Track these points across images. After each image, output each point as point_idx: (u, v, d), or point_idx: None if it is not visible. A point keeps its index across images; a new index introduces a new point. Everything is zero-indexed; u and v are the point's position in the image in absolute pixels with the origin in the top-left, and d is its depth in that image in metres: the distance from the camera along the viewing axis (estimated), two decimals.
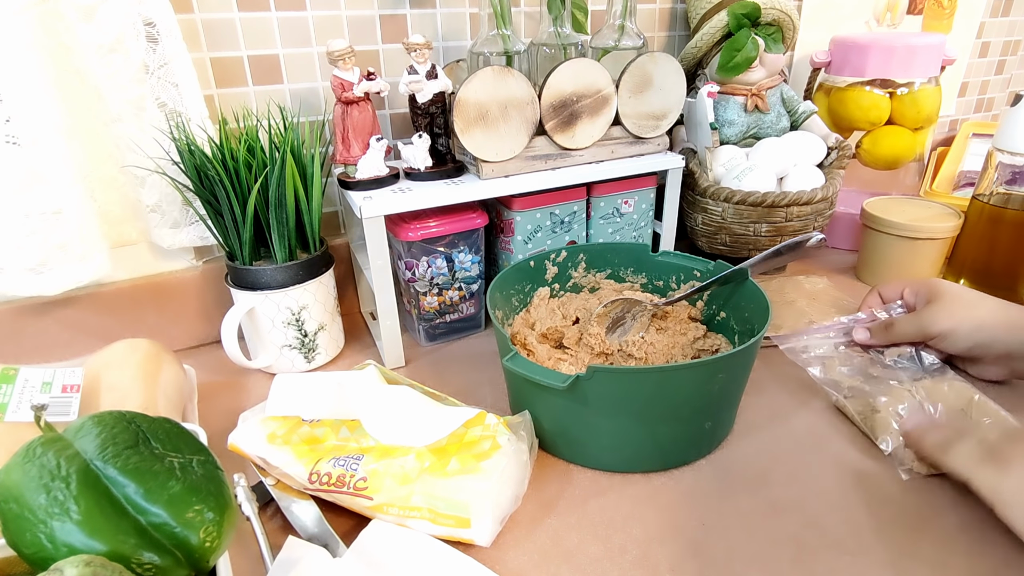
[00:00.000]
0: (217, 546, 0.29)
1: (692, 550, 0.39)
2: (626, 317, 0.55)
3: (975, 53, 1.08)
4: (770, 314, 0.46)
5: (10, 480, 0.27)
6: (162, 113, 0.55)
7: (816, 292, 0.67)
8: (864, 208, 0.73)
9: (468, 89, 0.53)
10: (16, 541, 0.27)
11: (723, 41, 0.70)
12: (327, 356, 0.61)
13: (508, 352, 0.44)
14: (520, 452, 0.42)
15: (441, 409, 0.45)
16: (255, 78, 0.60)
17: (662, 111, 0.63)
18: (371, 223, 0.53)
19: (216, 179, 0.52)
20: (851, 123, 0.80)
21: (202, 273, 0.63)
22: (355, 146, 0.57)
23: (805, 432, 0.49)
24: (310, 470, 0.41)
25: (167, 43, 0.53)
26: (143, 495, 0.27)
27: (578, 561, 0.39)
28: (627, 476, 0.45)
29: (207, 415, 0.52)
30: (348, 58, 0.54)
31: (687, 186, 0.70)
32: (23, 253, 0.52)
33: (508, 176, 0.58)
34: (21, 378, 0.41)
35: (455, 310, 0.63)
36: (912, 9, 0.95)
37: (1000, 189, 0.64)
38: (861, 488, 0.43)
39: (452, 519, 0.38)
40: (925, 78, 0.77)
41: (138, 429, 0.30)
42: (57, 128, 0.50)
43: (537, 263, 0.58)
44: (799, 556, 0.38)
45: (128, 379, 0.46)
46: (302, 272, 0.56)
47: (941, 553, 0.38)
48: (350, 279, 0.70)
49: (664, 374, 0.42)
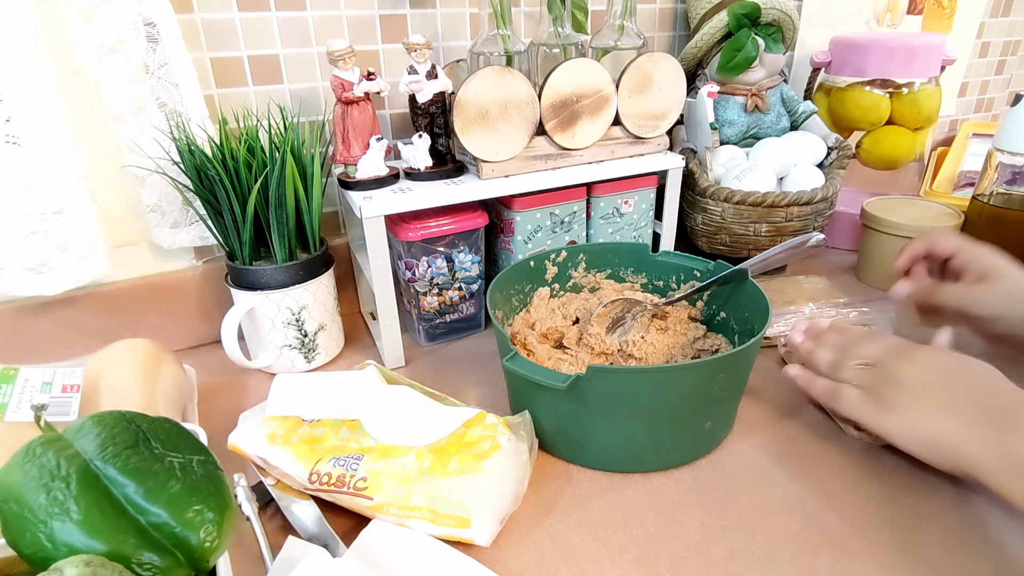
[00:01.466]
0: (217, 546, 0.29)
1: (692, 550, 0.39)
2: (626, 317, 0.55)
3: (975, 53, 1.08)
4: (770, 314, 0.46)
5: (10, 480, 0.27)
6: (162, 113, 0.55)
7: (817, 292, 0.67)
8: (864, 208, 0.73)
9: (468, 89, 0.53)
10: (16, 541, 0.27)
11: (723, 41, 0.70)
12: (327, 356, 0.61)
13: (508, 352, 0.44)
14: (520, 452, 0.42)
15: (441, 409, 0.45)
16: (255, 78, 0.60)
17: (662, 111, 0.63)
18: (371, 223, 0.53)
19: (216, 179, 0.52)
20: (851, 123, 0.80)
21: (202, 273, 0.63)
22: (355, 146, 0.57)
23: (805, 432, 0.49)
24: (310, 470, 0.41)
25: (167, 43, 0.53)
26: (143, 495, 0.27)
27: (578, 561, 0.39)
28: (627, 476, 0.45)
29: (207, 415, 0.52)
30: (348, 58, 0.54)
31: (687, 186, 0.70)
32: (23, 253, 0.52)
33: (508, 176, 0.58)
34: (21, 378, 0.41)
35: (455, 310, 0.63)
36: (912, 9, 0.95)
37: (1000, 189, 0.64)
38: (861, 488, 0.43)
39: (452, 519, 0.38)
40: (925, 78, 0.77)
41: (138, 429, 0.30)
42: (57, 128, 0.50)
43: (537, 263, 0.58)
44: (799, 556, 0.38)
45: (128, 379, 0.46)
46: (302, 272, 0.56)
47: (941, 553, 0.38)
48: (350, 279, 0.70)
49: (664, 374, 0.42)
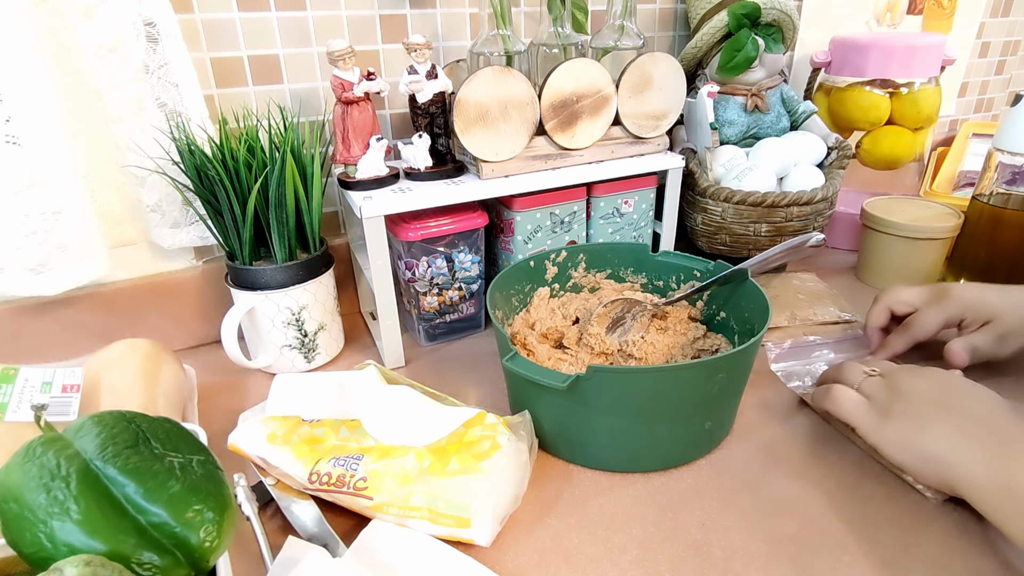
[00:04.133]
0: (217, 546, 0.29)
1: (692, 550, 0.39)
2: (626, 317, 0.55)
3: (975, 53, 1.08)
4: (770, 314, 0.46)
5: (10, 480, 0.27)
6: (162, 113, 0.55)
7: (807, 290, 0.67)
8: (864, 208, 0.73)
9: (468, 89, 0.53)
10: (16, 541, 0.27)
11: (723, 41, 0.70)
12: (327, 356, 0.61)
13: (508, 352, 0.44)
14: (520, 452, 0.42)
15: (441, 409, 0.45)
16: (255, 78, 0.60)
17: (662, 111, 0.63)
18: (371, 223, 0.53)
19: (216, 179, 0.52)
20: (851, 123, 0.80)
21: (202, 273, 0.63)
22: (355, 146, 0.57)
23: (805, 432, 0.49)
24: (310, 470, 0.41)
25: (167, 43, 0.53)
26: (143, 495, 0.27)
27: (578, 561, 0.39)
28: (627, 476, 0.45)
29: (207, 415, 0.52)
30: (348, 58, 0.54)
31: (687, 186, 0.69)
32: (23, 253, 0.52)
33: (508, 176, 0.58)
34: (21, 378, 0.41)
35: (455, 310, 0.63)
36: (912, 9, 0.95)
37: (1000, 189, 0.64)
38: (861, 488, 0.43)
39: (452, 519, 0.38)
40: (925, 78, 0.77)
41: (138, 429, 0.30)
42: (57, 128, 0.50)
43: (537, 263, 0.58)
44: (799, 556, 0.38)
45: (128, 379, 0.46)
46: (302, 272, 0.56)
47: (941, 553, 0.38)
48: (350, 279, 0.70)
49: (664, 374, 0.42)
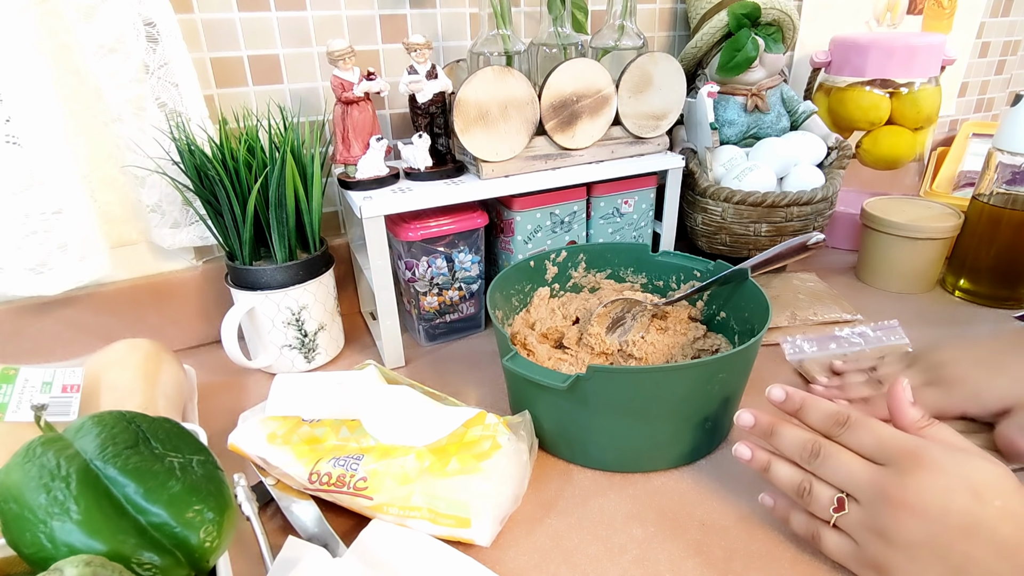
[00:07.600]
0: (217, 546, 0.29)
1: (692, 550, 0.39)
2: (626, 317, 0.55)
3: (975, 53, 1.08)
4: (770, 314, 0.46)
5: (10, 480, 0.27)
6: (162, 113, 0.55)
7: (807, 290, 0.67)
8: (864, 208, 0.73)
9: (468, 89, 0.53)
10: (16, 541, 0.27)
11: (723, 41, 0.70)
12: (327, 356, 0.61)
13: (508, 352, 0.44)
14: (520, 452, 0.42)
15: (441, 409, 0.45)
16: (255, 78, 0.60)
17: (662, 111, 0.63)
18: (371, 223, 0.53)
19: (216, 179, 0.52)
20: (851, 123, 0.80)
21: (202, 273, 0.63)
22: (355, 146, 0.57)
23: None
24: (310, 470, 0.41)
25: (167, 43, 0.53)
26: (143, 495, 0.27)
27: (578, 561, 0.39)
28: (627, 476, 0.45)
29: (207, 415, 0.52)
30: (348, 58, 0.54)
31: (687, 186, 0.69)
32: (23, 253, 0.52)
33: (508, 176, 0.58)
34: (21, 378, 0.41)
35: (455, 310, 0.63)
36: (912, 9, 0.95)
37: (1000, 189, 0.64)
38: None
39: (452, 519, 0.38)
40: (925, 78, 0.77)
41: (138, 429, 0.30)
42: (57, 128, 0.50)
43: (537, 263, 0.58)
44: (799, 556, 0.38)
45: (128, 379, 0.46)
46: (302, 272, 0.56)
47: None
48: (350, 279, 0.70)
49: (664, 374, 0.42)
